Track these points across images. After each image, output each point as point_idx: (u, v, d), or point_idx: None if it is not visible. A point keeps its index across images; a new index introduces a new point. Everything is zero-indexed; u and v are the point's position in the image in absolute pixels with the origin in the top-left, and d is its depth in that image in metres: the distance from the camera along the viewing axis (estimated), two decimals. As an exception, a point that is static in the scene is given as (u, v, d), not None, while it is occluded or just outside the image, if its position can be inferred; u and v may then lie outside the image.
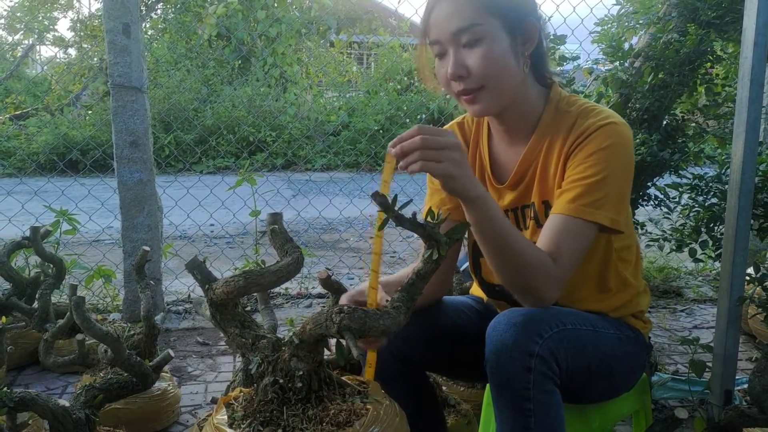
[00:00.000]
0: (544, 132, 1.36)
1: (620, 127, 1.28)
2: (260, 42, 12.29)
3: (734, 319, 1.73)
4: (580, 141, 1.28)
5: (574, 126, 1.31)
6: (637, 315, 1.45)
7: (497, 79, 1.28)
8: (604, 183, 1.24)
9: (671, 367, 2.57)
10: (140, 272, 2.06)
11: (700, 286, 3.73)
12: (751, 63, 1.63)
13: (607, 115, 1.30)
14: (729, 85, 2.52)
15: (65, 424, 1.45)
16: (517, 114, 1.37)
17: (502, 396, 1.17)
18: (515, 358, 1.14)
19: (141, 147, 2.88)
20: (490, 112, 1.35)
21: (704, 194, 2.05)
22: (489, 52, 1.25)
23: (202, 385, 2.46)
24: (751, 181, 1.67)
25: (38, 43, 14.63)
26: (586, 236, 1.24)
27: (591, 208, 1.23)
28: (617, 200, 1.26)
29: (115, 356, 1.57)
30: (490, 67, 1.26)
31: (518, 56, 1.29)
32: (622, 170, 1.28)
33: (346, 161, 10.01)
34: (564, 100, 1.37)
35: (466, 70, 1.27)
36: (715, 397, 1.78)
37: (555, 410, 1.16)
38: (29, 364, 2.58)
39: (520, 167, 1.39)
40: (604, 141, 1.26)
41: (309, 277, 3.84)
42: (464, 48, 1.26)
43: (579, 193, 1.24)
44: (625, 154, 1.28)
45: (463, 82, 1.28)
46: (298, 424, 1.05)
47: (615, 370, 1.33)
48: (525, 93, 1.35)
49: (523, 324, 1.16)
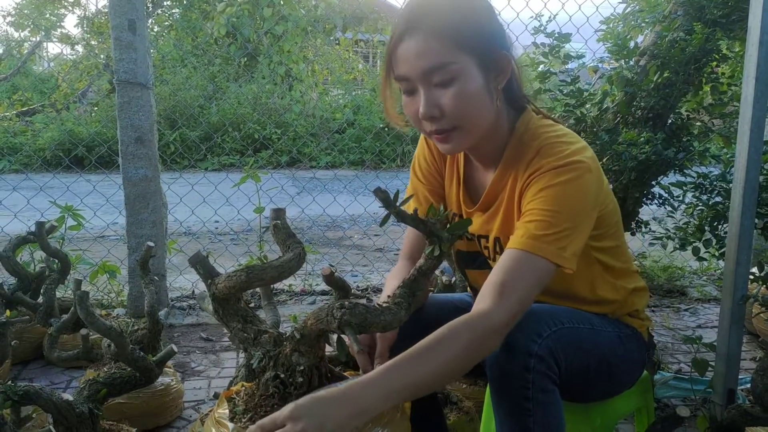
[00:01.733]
0: (507, 165, 1.31)
1: (579, 165, 1.21)
2: (266, 40, 12.30)
3: (738, 318, 1.72)
4: (532, 179, 1.23)
5: (531, 163, 1.25)
6: (633, 314, 1.45)
7: (471, 119, 1.23)
8: (555, 219, 1.18)
9: (674, 366, 2.57)
10: (144, 268, 2.07)
11: (704, 286, 3.72)
12: (756, 62, 1.63)
13: (569, 153, 1.22)
14: (735, 84, 2.51)
15: (69, 418, 1.46)
16: (485, 147, 1.33)
17: (501, 395, 1.17)
18: (514, 357, 1.14)
19: (146, 143, 2.89)
20: (462, 149, 1.32)
21: (708, 193, 2.05)
22: (463, 91, 1.19)
23: (206, 381, 2.47)
24: (755, 180, 1.67)
25: (45, 40, 14.68)
26: (535, 270, 1.16)
27: (540, 243, 1.16)
28: (565, 236, 1.18)
29: (119, 351, 1.58)
30: (464, 107, 1.20)
31: (491, 92, 1.23)
32: (573, 208, 1.20)
33: (350, 159, 10.02)
34: (529, 132, 1.30)
35: (440, 110, 1.20)
36: (718, 396, 1.77)
37: (554, 409, 1.17)
38: (34, 358, 2.59)
39: (488, 194, 1.35)
40: (555, 179, 1.20)
41: (313, 274, 3.85)
42: (435, 87, 1.19)
43: (529, 228, 1.19)
44: (578, 191, 1.20)
45: (435, 122, 1.22)
46: None
47: (614, 368, 1.33)
48: (496, 126, 1.30)
49: (522, 324, 1.15)
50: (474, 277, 1.49)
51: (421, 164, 1.51)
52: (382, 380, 1.03)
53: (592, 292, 1.37)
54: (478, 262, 1.45)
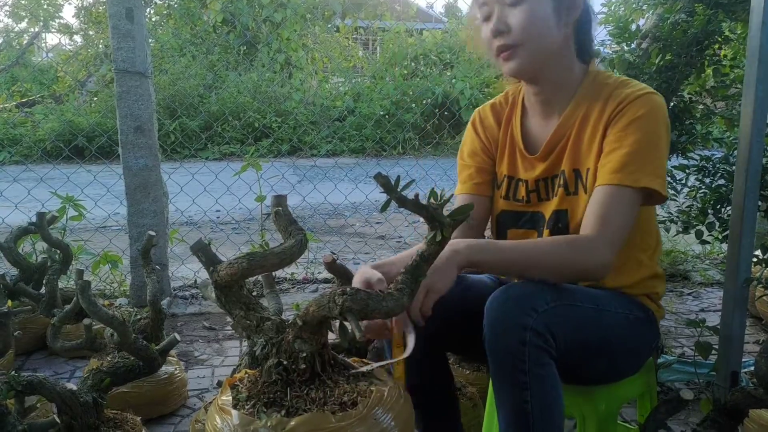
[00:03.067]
0: (580, 102, 1.38)
1: (657, 97, 1.31)
2: (265, 27, 12.25)
3: (741, 301, 1.72)
4: (619, 110, 1.31)
5: (612, 95, 1.33)
6: (652, 297, 1.45)
7: (535, 39, 1.31)
8: (645, 150, 1.27)
9: (677, 350, 2.57)
10: (146, 257, 2.07)
11: (707, 270, 3.72)
12: (758, 43, 1.61)
13: (644, 86, 1.33)
14: (737, 67, 2.49)
15: (73, 407, 1.46)
16: (554, 83, 1.40)
17: (498, 369, 1.18)
18: (509, 331, 1.15)
19: (146, 132, 2.88)
20: (524, 72, 1.37)
21: (711, 176, 2.04)
22: (531, 11, 1.29)
23: (209, 369, 2.47)
24: (758, 162, 1.66)
25: (44, 30, 14.63)
26: (631, 204, 1.27)
27: (635, 175, 1.25)
28: (659, 166, 1.28)
29: (122, 340, 1.58)
30: (531, 25, 1.29)
31: (560, 21, 1.32)
32: (661, 138, 1.30)
33: (351, 147, 10.00)
34: (602, 74, 1.40)
35: (507, 26, 1.31)
36: (722, 378, 1.77)
37: (551, 383, 1.17)
38: (37, 348, 2.59)
39: (553, 138, 1.41)
40: (641, 109, 1.29)
41: (315, 262, 3.85)
42: (509, 6, 1.30)
43: (622, 162, 1.27)
44: (664, 122, 1.31)
45: (502, 37, 1.32)
46: (302, 405, 1.05)
47: (618, 349, 1.33)
48: (562, 61, 1.38)
49: (517, 298, 1.18)
50: (515, 238, 1.50)
51: (470, 147, 1.57)
52: (483, 244, 1.25)
53: (622, 258, 1.36)
54: (522, 221, 1.49)
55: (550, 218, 1.42)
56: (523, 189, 1.47)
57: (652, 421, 1.30)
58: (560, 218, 1.40)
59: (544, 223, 1.44)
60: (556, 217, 1.41)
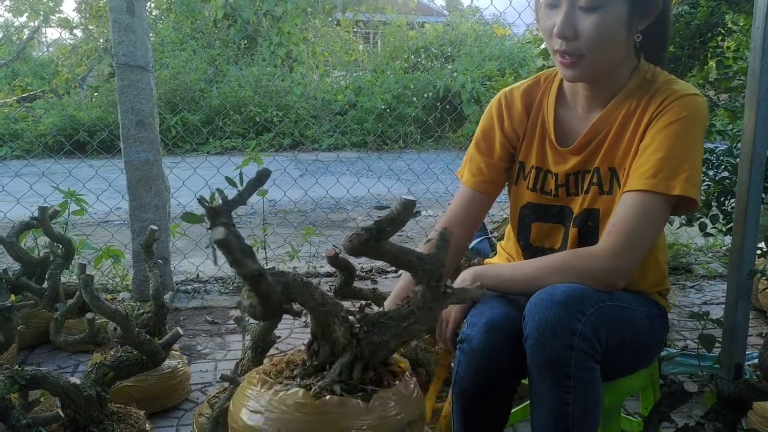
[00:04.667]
0: (624, 99, 1.32)
1: (699, 99, 1.26)
2: (266, 21, 12.22)
3: (745, 293, 1.72)
4: (660, 109, 1.26)
5: (657, 93, 1.28)
6: (663, 293, 1.45)
7: (601, 52, 1.24)
8: (681, 155, 1.22)
9: (680, 342, 2.57)
10: (148, 252, 2.07)
11: (709, 263, 3.71)
12: (763, 33, 1.60)
13: (689, 87, 1.28)
14: (740, 58, 2.49)
15: (77, 401, 1.46)
16: (606, 83, 1.33)
17: (542, 372, 1.16)
18: (558, 336, 1.13)
19: (147, 127, 2.87)
20: (582, 80, 1.31)
21: (715, 168, 2.03)
22: (604, 22, 1.21)
23: (212, 363, 2.48)
24: (763, 154, 1.65)
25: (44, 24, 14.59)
26: (661, 212, 1.23)
27: (669, 182, 1.21)
28: (694, 172, 1.23)
29: (125, 334, 1.58)
30: (600, 38, 1.22)
31: (631, 31, 1.25)
32: (697, 144, 1.25)
33: (353, 141, 9.97)
34: (650, 72, 1.34)
35: (575, 32, 1.22)
36: (725, 371, 1.77)
37: (594, 387, 1.17)
38: (40, 343, 2.60)
39: (591, 131, 1.35)
40: (683, 111, 1.24)
41: (317, 256, 3.85)
42: (580, 9, 1.21)
43: (655, 167, 1.22)
44: (702, 127, 1.26)
45: (566, 43, 1.24)
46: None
47: (642, 346, 1.33)
48: (620, 65, 1.32)
49: (565, 302, 1.15)
50: (540, 232, 1.46)
51: (487, 137, 1.49)
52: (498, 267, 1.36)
53: (642, 265, 1.35)
54: (549, 215, 1.44)
55: (579, 216, 1.37)
56: (552, 182, 1.42)
57: (656, 413, 1.30)
58: (591, 217, 1.36)
59: (571, 219, 1.39)
60: (586, 216, 1.37)
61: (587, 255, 1.25)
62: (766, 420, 1.82)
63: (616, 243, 1.21)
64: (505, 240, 1.60)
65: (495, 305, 1.30)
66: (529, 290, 1.23)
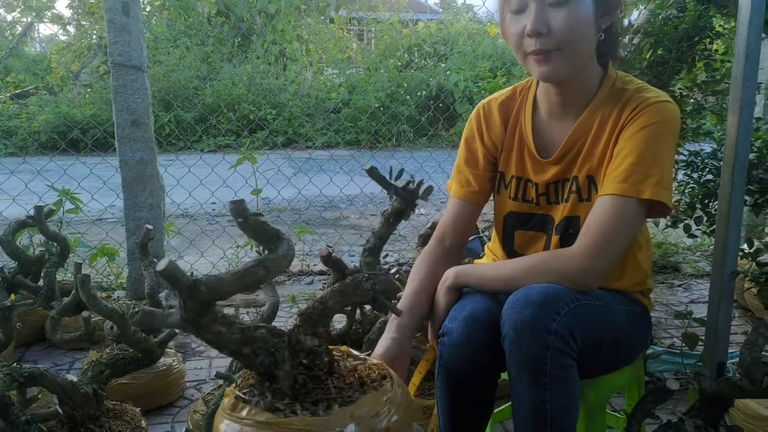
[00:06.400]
0: (597, 107, 1.35)
1: (671, 106, 1.30)
2: (259, 19, 12.21)
3: (727, 294, 1.75)
4: (632, 116, 1.29)
5: (629, 101, 1.31)
6: (645, 293, 1.48)
7: (575, 44, 1.27)
8: (652, 160, 1.25)
9: (667, 340, 2.61)
10: (143, 250, 2.09)
11: (697, 262, 3.76)
12: (746, 40, 1.64)
13: (661, 94, 1.32)
14: (728, 61, 2.52)
15: (74, 398, 1.49)
16: (577, 86, 1.36)
17: (521, 371, 1.20)
18: (534, 335, 1.16)
19: (142, 126, 2.89)
20: (557, 77, 1.32)
21: (699, 170, 2.07)
22: (575, 14, 1.24)
23: (207, 361, 2.51)
24: (745, 158, 1.69)
25: (37, 21, 14.53)
26: (634, 215, 1.26)
27: (639, 186, 1.24)
28: (665, 177, 1.26)
29: (121, 333, 1.61)
30: (573, 30, 1.25)
31: (598, 27, 1.30)
32: (669, 149, 1.28)
33: (346, 139, 10.00)
34: (620, 79, 1.37)
35: (548, 28, 1.25)
36: (708, 369, 1.81)
37: (571, 384, 1.20)
38: (36, 341, 2.62)
39: (569, 141, 1.38)
40: (654, 117, 1.27)
41: (310, 254, 3.88)
42: (550, 6, 1.25)
43: (627, 171, 1.26)
44: (674, 133, 1.29)
45: (540, 40, 1.26)
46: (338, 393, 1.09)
47: (621, 344, 1.36)
48: (589, 66, 1.35)
49: (541, 302, 1.18)
50: (523, 240, 1.50)
51: (470, 149, 1.53)
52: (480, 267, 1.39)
53: (623, 262, 1.39)
54: (531, 223, 1.47)
55: (560, 223, 1.41)
56: (533, 190, 1.45)
57: (640, 410, 1.33)
58: (572, 225, 1.39)
59: (553, 227, 1.43)
60: (567, 223, 1.40)
61: (563, 256, 1.28)
62: (749, 417, 1.86)
63: (590, 245, 1.25)
64: (492, 242, 1.63)
65: (477, 300, 1.34)
66: (508, 290, 1.27)
